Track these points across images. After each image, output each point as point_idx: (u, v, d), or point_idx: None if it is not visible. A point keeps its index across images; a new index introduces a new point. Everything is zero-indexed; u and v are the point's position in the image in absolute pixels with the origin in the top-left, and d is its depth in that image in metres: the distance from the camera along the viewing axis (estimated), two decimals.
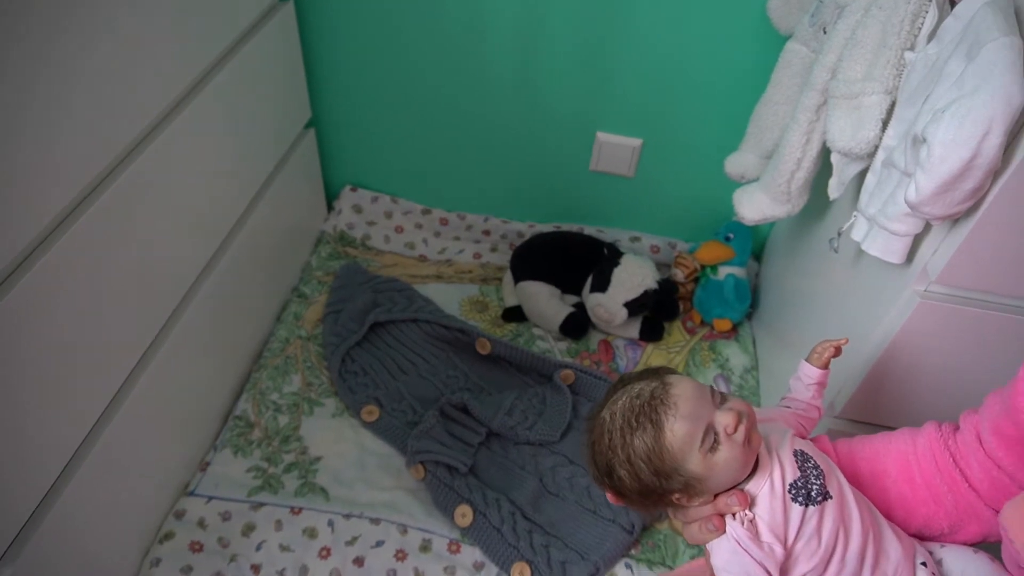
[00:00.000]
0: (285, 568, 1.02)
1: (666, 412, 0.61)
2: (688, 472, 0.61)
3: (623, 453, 0.62)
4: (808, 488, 0.62)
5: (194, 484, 1.09)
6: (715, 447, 0.60)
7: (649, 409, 0.61)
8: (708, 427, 0.60)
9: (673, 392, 0.62)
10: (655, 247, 1.48)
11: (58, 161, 0.72)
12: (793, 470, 0.63)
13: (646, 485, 0.62)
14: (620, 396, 0.64)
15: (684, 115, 1.30)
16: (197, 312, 1.03)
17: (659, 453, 0.60)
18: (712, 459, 0.60)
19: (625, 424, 0.62)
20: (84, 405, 0.83)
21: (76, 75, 0.73)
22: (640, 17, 1.18)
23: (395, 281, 1.40)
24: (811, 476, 0.63)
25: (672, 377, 0.64)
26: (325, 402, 1.22)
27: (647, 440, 0.61)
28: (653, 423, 0.61)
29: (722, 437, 0.60)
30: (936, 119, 0.63)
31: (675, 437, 0.60)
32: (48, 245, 0.73)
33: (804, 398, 0.75)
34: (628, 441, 0.62)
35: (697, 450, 0.60)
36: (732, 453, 0.60)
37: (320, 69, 1.34)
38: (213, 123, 1.01)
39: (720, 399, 0.63)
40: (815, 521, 0.62)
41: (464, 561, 1.04)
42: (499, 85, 1.31)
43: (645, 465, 0.61)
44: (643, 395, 0.62)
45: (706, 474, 0.61)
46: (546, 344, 1.35)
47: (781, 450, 0.64)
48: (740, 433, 0.60)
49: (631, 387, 0.64)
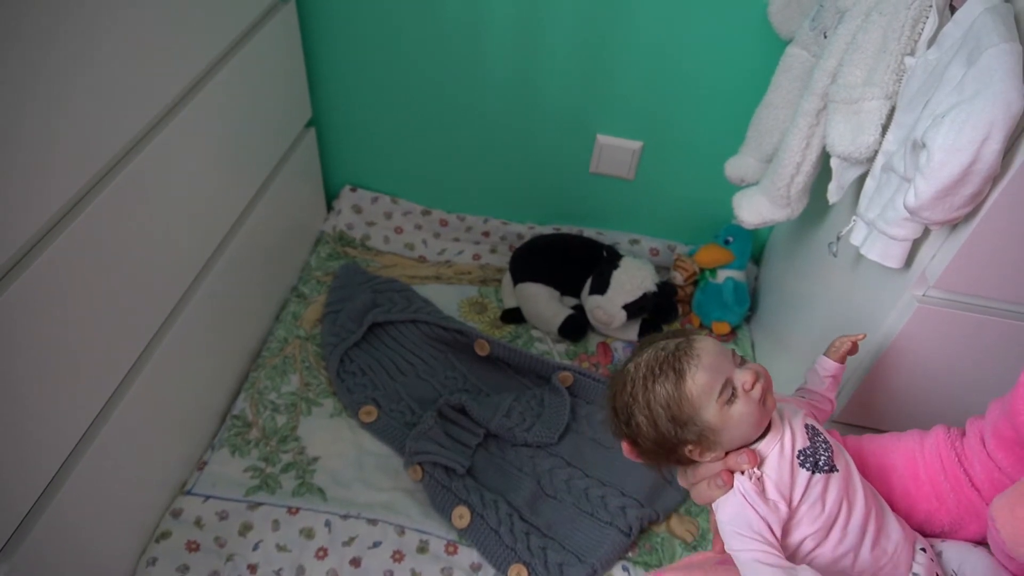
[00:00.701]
0: (282, 568, 1.02)
1: (689, 362, 0.64)
2: (704, 422, 0.63)
3: (643, 399, 0.65)
4: (816, 457, 0.65)
5: (191, 483, 1.09)
6: (732, 400, 0.63)
7: (673, 359, 0.65)
8: (727, 381, 0.63)
9: (697, 346, 0.65)
10: (654, 250, 1.48)
11: (57, 159, 0.72)
12: (803, 439, 0.66)
13: (662, 434, 0.65)
14: (646, 350, 0.68)
15: (684, 118, 1.30)
16: (196, 311, 1.03)
17: (678, 400, 0.63)
18: (728, 411, 0.63)
19: (648, 372, 0.65)
20: (81, 403, 0.83)
21: (76, 74, 0.73)
22: (641, 20, 1.18)
23: (394, 282, 1.40)
24: (820, 447, 0.66)
25: (696, 335, 0.67)
26: (323, 402, 1.22)
27: (668, 387, 0.64)
28: (676, 371, 0.64)
29: (740, 392, 0.63)
30: (936, 124, 0.63)
31: (695, 385, 0.63)
32: (47, 243, 0.73)
33: (818, 389, 0.77)
34: (650, 388, 0.65)
35: (715, 401, 0.63)
36: (747, 408, 0.63)
37: (320, 69, 1.34)
38: (213, 122, 1.01)
39: (740, 360, 0.66)
40: (820, 488, 0.64)
41: (461, 562, 1.04)
42: (499, 86, 1.31)
43: (664, 411, 0.64)
44: (668, 348, 0.66)
45: (721, 426, 0.63)
46: (545, 346, 1.35)
47: (794, 420, 0.67)
48: (757, 390, 0.63)
49: (657, 343, 0.68)
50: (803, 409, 0.71)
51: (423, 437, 1.12)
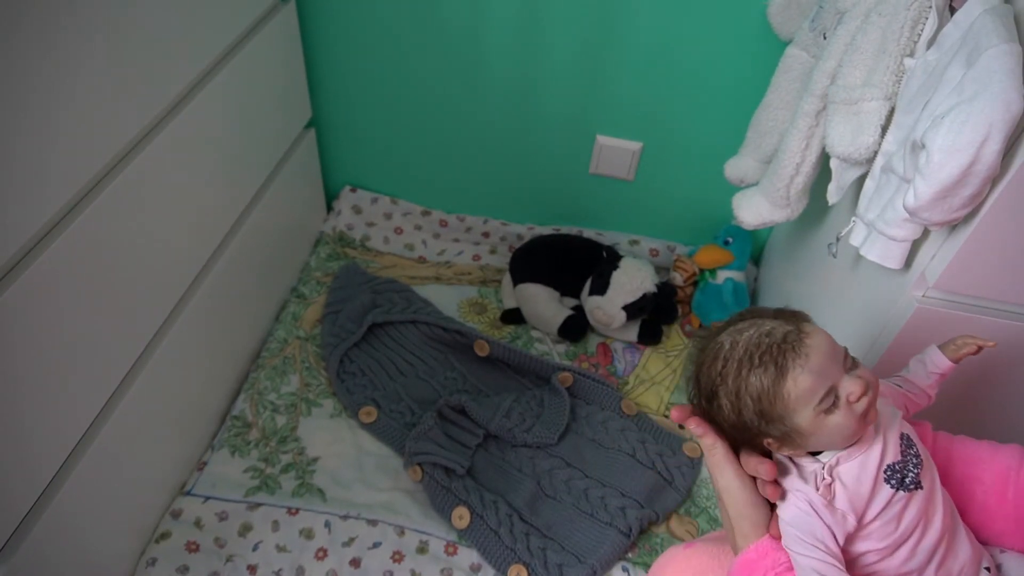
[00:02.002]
0: (281, 569, 1.02)
1: (795, 359, 0.58)
2: (793, 424, 0.59)
3: (734, 384, 0.60)
4: (904, 473, 0.61)
5: (191, 484, 1.09)
6: (832, 409, 0.58)
7: (777, 352, 0.59)
8: (832, 388, 0.58)
9: (808, 342, 0.59)
10: (654, 250, 1.48)
11: (57, 160, 0.72)
12: (896, 452, 0.61)
13: (744, 422, 0.61)
14: (747, 327, 0.61)
15: (684, 119, 1.30)
16: (195, 311, 1.03)
17: (772, 398, 0.59)
18: (824, 420, 0.58)
19: (746, 357, 0.60)
20: (81, 404, 0.83)
21: (76, 74, 0.73)
22: (640, 21, 1.18)
23: (394, 282, 1.40)
24: (910, 463, 0.61)
25: (809, 326, 0.61)
26: (323, 403, 1.22)
27: (765, 381, 0.59)
28: (777, 367, 0.58)
29: (842, 402, 0.58)
30: (935, 125, 0.63)
31: (796, 387, 0.58)
32: (47, 243, 0.73)
33: (921, 384, 0.71)
34: (744, 375, 0.60)
35: (812, 408, 0.58)
36: (846, 421, 0.58)
37: (320, 69, 1.34)
38: (213, 123, 1.01)
39: (851, 363, 0.60)
40: (900, 506, 0.60)
41: (461, 563, 1.04)
42: (499, 87, 1.31)
43: (753, 404, 0.60)
44: (775, 335, 0.59)
45: (811, 432, 0.59)
46: (544, 346, 1.35)
47: (889, 430, 0.62)
48: (862, 404, 0.58)
49: (762, 322, 0.61)
50: (901, 411, 0.66)
51: (423, 438, 1.12)
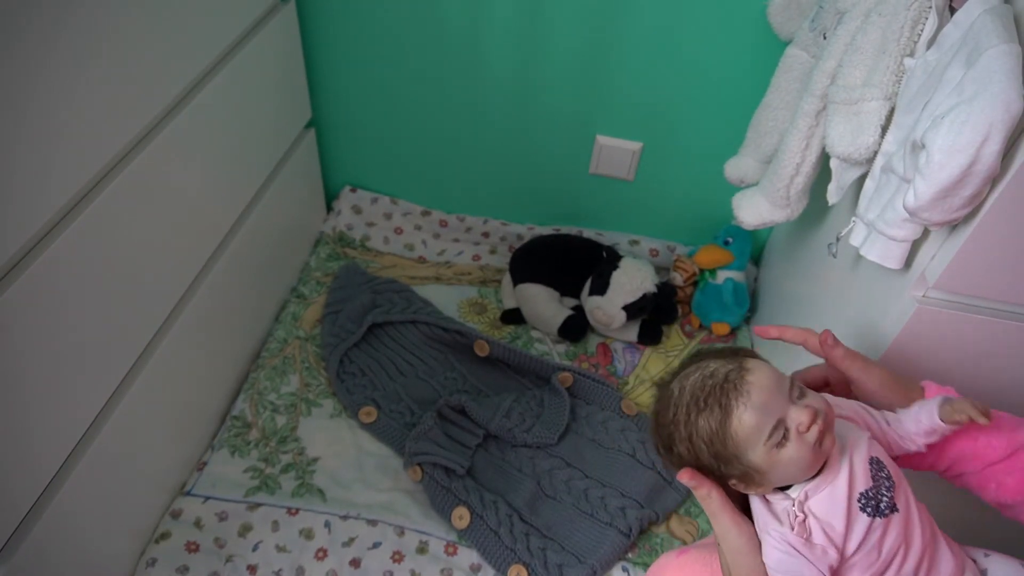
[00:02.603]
0: (281, 569, 1.01)
1: (737, 398, 0.58)
2: (749, 463, 0.58)
3: (685, 430, 0.60)
4: (878, 499, 0.60)
5: (191, 484, 1.09)
6: (783, 443, 0.57)
7: (720, 392, 0.58)
8: (779, 421, 0.57)
9: (748, 379, 0.58)
10: (654, 250, 1.48)
11: (57, 160, 0.72)
12: (866, 478, 0.60)
13: (704, 466, 0.61)
14: (693, 371, 0.61)
15: (684, 119, 1.30)
16: (195, 311, 1.03)
17: (722, 438, 0.58)
18: (777, 455, 0.57)
19: (692, 401, 0.60)
20: (81, 404, 0.82)
21: (77, 75, 0.73)
22: (640, 21, 1.18)
23: (394, 282, 1.40)
24: (882, 487, 0.60)
25: (751, 362, 0.61)
26: (323, 403, 1.22)
27: (712, 423, 0.58)
28: (721, 407, 0.58)
29: (792, 434, 0.57)
30: (935, 125, 0.63)
31: (741, 426, 0.57)
32: (47, 243, 0.73)
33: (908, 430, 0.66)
34: (692, 419, 0.59)
35: (763, 443, 0.57)
36: (799, 453, 0.57)
37: (320, 69, 1.34)
38: (213, 123, 1.01)
39: (799, 393, 0.59)
40: (879, 533, 0.59)
41: (461, 563, 1.04)
42: (500, 87, 1.31)
43: (706, 447, 0.59)
44: (717, 375, 0.59)
45: (767, 468, 0.58)
46: (544, 347, 1.35)
47: (856, 454, 0.61)
48: (812, 433, 0.57)
49: (706, 364, 0.61)
50: (867, 433, 0.64)
51: (423, 438, 1.12)
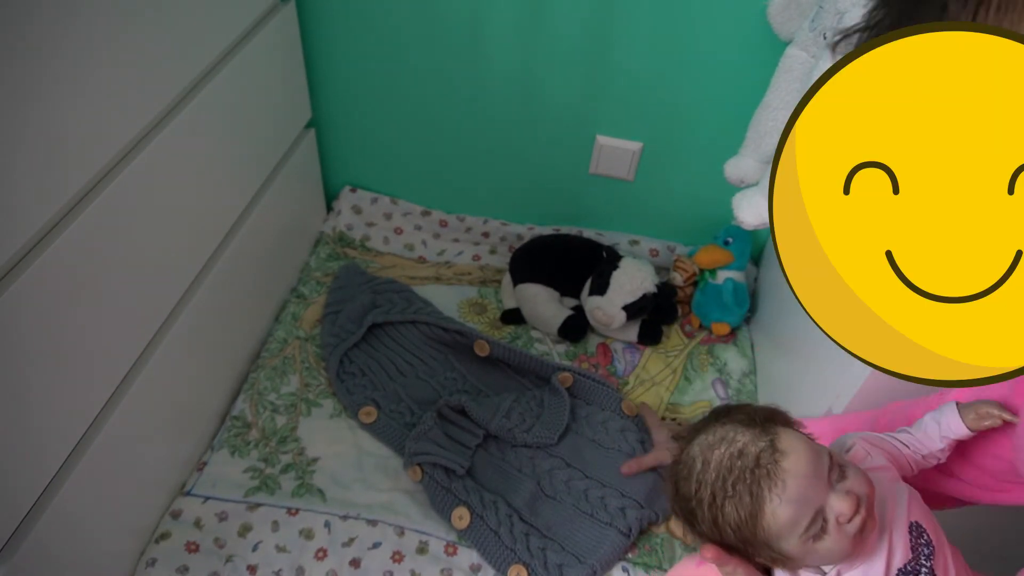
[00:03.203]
0: (281, 569, 1.01)
1: (771, 488, 0.52)
2: (780, 551, 0.54)
3: (710, 513, 0.55)
4: (918, 571, 0.55)
5: (191, 484, 1.09)
6: (821, 535, 0.52)
7: (751, 479, 0.52)
8: (818, 512, 0.52)
9: (783, 466, 0.52)
10: (654, 250, 1.48)
11: (57, 160, 0.72)
12: (905, 552, 0.55)
13: (728, 546, 0.56)
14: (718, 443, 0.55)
15: (684, 119, 1.30)
16: (195, 312, 1.03)
17: (752, 528, 0.53)
18: (813, 546, 0.52)
19: (719, 483, 0.54)
20: (80, 404, 0.82)
21: (77, 75, 0.73)
22: (640, 21, 1.18)
23: (394, 282, 1.40)
24: (922, 557, 0.56)
25: (785, 440, 0.53)
26: (323, 403, 1.22)
27: (742, 512, 0.53)
28: (753, 497, 0.52)
29: (831, 525, 0.52)
30: None
31: (775, 520, 0.52)
32: (47, 243, 0.73)
33: (931, 447, 0.64)
34: (719, 503, 0.54)
35: (799, 536, 0.52)
36: (838, 544, 0.52)
37: (320, 69, 1.34)
38: (213, 123, 1.01)
39: (838, 474, 0.53)
40: None
41: (461, 563, 1.04)
42: (499, 87, 1.31)
43: (733, 533, 0.54)
44: (746, 457, 0.53)
45: (800, 557, 0.54)
46: (544, 347, 1.35)
47: (896, 526, 0.56)
48: (855, 524, 0.52)
49: (734, 437, 0.55)
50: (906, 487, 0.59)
51: (423, 438, 1.12)
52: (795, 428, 0.57)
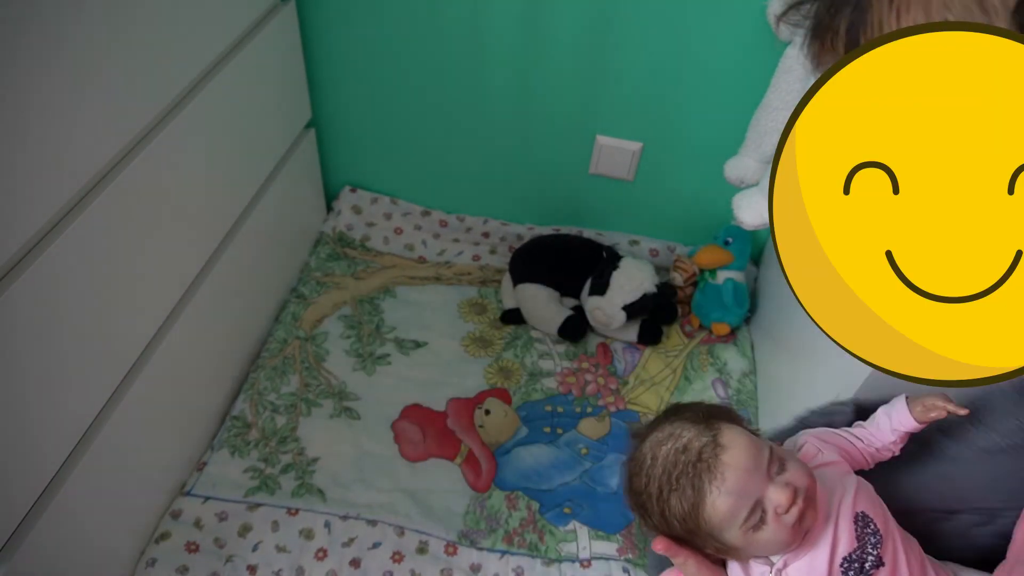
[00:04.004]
0: (281, 569, 1.01)
1: (710, 481, 0.54)
2: (724, 541, 0.56)
3: (657, 505, 0.57)
4: (863, 560, 0.57)
5: (191, 484, 1.09)
6: (760, 525, 0.54)
7: (692, 472, 0.55)
8: (756, 503, 0.54)
9: (723, 458, 0.55)
10: (654, 251, 1.48)
11: (57, 160, 0.72)
12: (850, 540, 0.57)
13: (677, 537, 0.59)
14: (666, 439, 0.58)
15: (684, 119, 1.30)
16: (195, 312, 1.03)
17: (695, 519, 0.55)
18: (754, 536, 0.55)
19: (664, 477, 0.56)
20: (81, 405, 0.82)
21: (77, 76, 0.73)
22: (640, 21, 1.18)
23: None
24: (868, 545, 0.58)
25: (726, 435, 0.56)
26: (323, 403, 1.22)
27: (685, 504, 0.55)
28: (695, 489, 0.55)
29: (770, 516, 0.54)
30: None
31: (715, 511, 0.54)
32: (47, 243, 0.73)
33: (884, 440, 0.67)
34: (665, 496, 0.56)
35: (739, 526, 0.54)
36: (777, 535, 0.54)
37: (320, 69, 1.34)
38: (213, 123, 1.01)
39: (778, 467, 0.56)
40: None
41: (461, 563, 1.04)
42: (499, 87, 1.31)
43: (679, 524, 0.57)
44: (690, 451, 0.56)
45: (743, 547, 0.56)
46: (544, 346, 1.35)
47: (842, 514, 0.58)
48: (792, 514, 0.54)
49: (680, 432, 0.57)
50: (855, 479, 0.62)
51: None
52: (740, 424, 0.59)
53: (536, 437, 1.21)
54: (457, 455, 1.18)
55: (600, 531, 1.09)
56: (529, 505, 1.12)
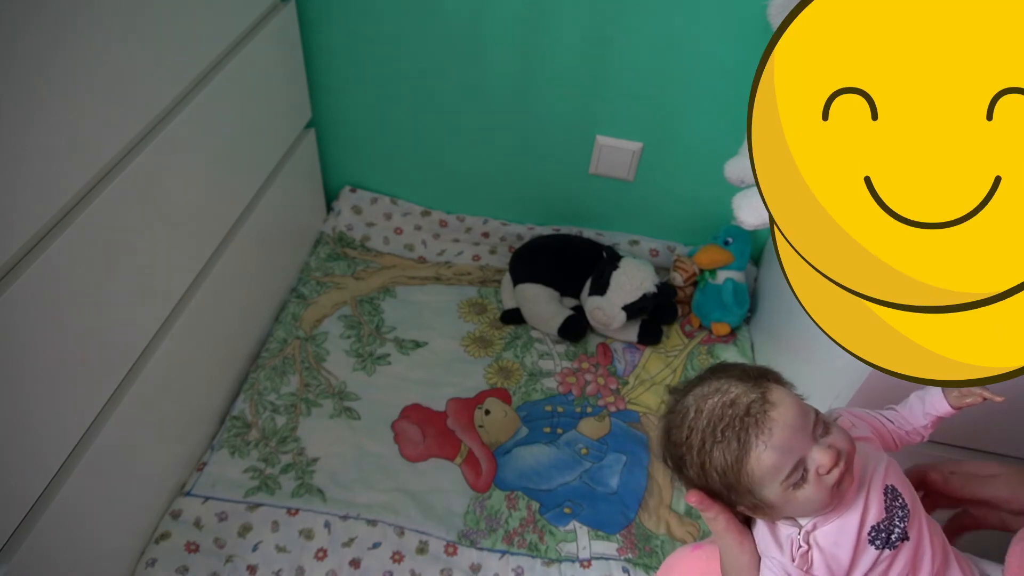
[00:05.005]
0: (281, 569, 1.01)
1: (758, 435, 0.55)
2: (762, 498, 0.56)
3: (698, 457, 0.57)
4: (890, 531, 0.57)
5: (191, 484, 1.09)
6: (800, 484, 0.55)
7: (740, 425, 0.55)
8: (799, 462, 0.55)
9: (772, 414, 0.55)
10: (654, 251, 1.48)
11: (57, 160, 0.72)
12: (879, 510, 0.58)
13: (713, 491, 0.59)
14: (712, 393, 0.58)
15: (684, 119, 1.30)
16: (195, 312, 1.03)
17: (736, 473, 0.56)
18: (793, 494, 0.55)
19: (709, 429, 0.57)
20: (81, 405, 0.82)
21: (77, 75, 0.73)
22: (640, 21, 1.18)
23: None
24: (896, 517, 0.58)
25: (776, 393, 0.57)
26: (323, 403, 1.22)
27: (728, 457, 0.56)
28: (740, 442, 0.55)
29: (811, 475, 0.55)
30: None
31: (760, 465, 0.55)
32: (48, 243, 0.73)
33: (915, 423, 0.67)
34: (707, 448, 0.57)
35: (780, 482, 0.55)
36: (817, 494, 0.55)
37: (320, 69, 1.34)
38: (213, 123, 1.01)
39: (823, 430, 0.56)
40: (886, 564, 0.57)
41: (461, 563, 1.04)
42: (499, 87, 1.31)
43: (718, 477, 0.57)
44: (738, 406, 0.56)
45: (780, 505, 0.56)
46: (544, 347, 1.35)
47: (873, 485, 0.59)
48: (833, 475, 0.54)
49: (727, 388, 0.58)
50: (886, 457, 0.62)
51: None
52: (786, 386, 0.60)
53: (536, 437, 1.21)
54: (457, 455, 1.18)
55: (600, 531, 1.09)
56: (529, 505, 1.12)
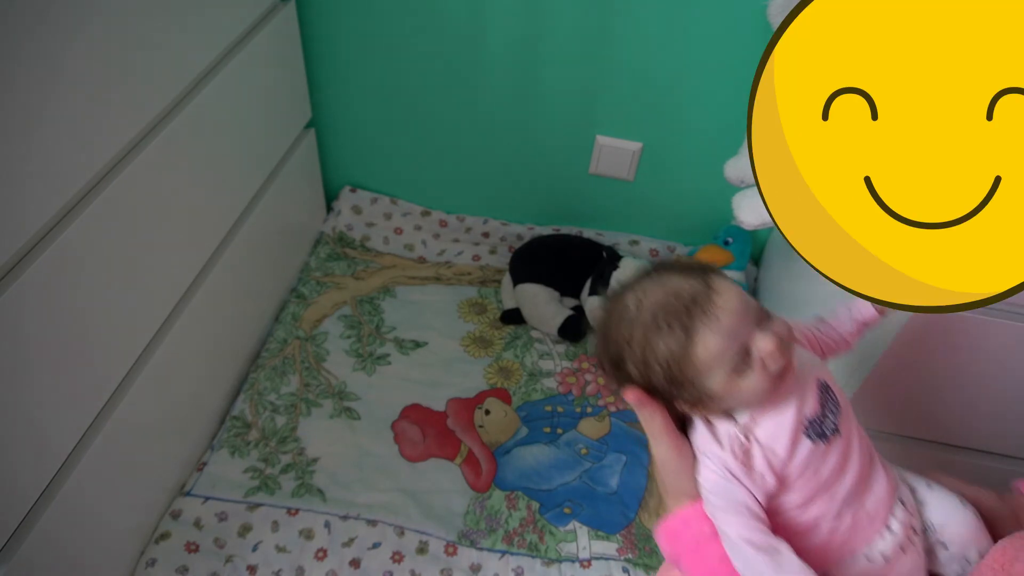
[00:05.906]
0: (281, 569, 1.01)
1: (704, 321, 0.54)
2: (705, 388, 0.56)
3: (640, 351, 0.57)
4: (823, 425, 0.58)
5: (190, 484, 1.09)
6: (744, 371, 0.55)
7: (685, 313, 0.54)
8: (743, 347, 0.54)
9: (717, 301, 0.55)
10: (654, 251, 1.48)
11: (58, 160, 0.72)
12: (814, 405, 0.58)
13: (653, 387, 0.58)
14: (654, 288, 0.57)
15: (684, 119, 1.30)
16: (195, 312, 1.03)
17: (680, 362, 0.55)
18: (736, 382, 0.55)
19: (652, 322, 0.56)
20: (80, 405, 0.82)
21: (76, 74, 0.73)
22: (640, 21, 1.18)
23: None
24: (828, 411, 0.59)
25: (720, 282, 0.56)
26: (323, 403, 1.22)
27: (672, 346, 0.55)
28: (685, 330, 0.54)
29: (755, 362, 0.54)
30: None
31: (705, 350, 0.54)
32: (48, 242, 0.73)
33: (842, 330, 0.68)
34: (650, 339, 0.56)
35: (724, 370, 0.54)
36: (759, 383, 0.55)
37: (320, 69, 1.34)
38: (213, 123, 1.01)
39: (764, 316, 0.56)
40: (819, 456, 0.58)
41: (461, 563, 1.04)
42: (499, 87, 1.31)
43: (661, 369, 0.56)
44: (682, 295, 0.55)
45: (723, 395, 0.56)
46: (544, 347, 1.35)
47: (807, 381, 0.59)
48: (776, 362, 0.54)
49: (669, 281, 0.57)
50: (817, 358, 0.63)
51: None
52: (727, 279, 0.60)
53: (536, 437, 1.21)
54: (457, 455, 1.18)
55: (600, 531, 1.09)
56: (529, 505, 1.12)
